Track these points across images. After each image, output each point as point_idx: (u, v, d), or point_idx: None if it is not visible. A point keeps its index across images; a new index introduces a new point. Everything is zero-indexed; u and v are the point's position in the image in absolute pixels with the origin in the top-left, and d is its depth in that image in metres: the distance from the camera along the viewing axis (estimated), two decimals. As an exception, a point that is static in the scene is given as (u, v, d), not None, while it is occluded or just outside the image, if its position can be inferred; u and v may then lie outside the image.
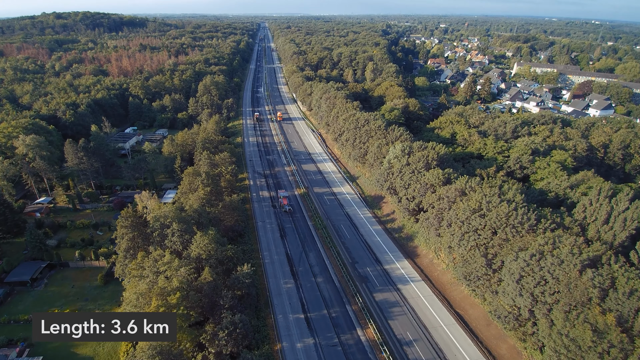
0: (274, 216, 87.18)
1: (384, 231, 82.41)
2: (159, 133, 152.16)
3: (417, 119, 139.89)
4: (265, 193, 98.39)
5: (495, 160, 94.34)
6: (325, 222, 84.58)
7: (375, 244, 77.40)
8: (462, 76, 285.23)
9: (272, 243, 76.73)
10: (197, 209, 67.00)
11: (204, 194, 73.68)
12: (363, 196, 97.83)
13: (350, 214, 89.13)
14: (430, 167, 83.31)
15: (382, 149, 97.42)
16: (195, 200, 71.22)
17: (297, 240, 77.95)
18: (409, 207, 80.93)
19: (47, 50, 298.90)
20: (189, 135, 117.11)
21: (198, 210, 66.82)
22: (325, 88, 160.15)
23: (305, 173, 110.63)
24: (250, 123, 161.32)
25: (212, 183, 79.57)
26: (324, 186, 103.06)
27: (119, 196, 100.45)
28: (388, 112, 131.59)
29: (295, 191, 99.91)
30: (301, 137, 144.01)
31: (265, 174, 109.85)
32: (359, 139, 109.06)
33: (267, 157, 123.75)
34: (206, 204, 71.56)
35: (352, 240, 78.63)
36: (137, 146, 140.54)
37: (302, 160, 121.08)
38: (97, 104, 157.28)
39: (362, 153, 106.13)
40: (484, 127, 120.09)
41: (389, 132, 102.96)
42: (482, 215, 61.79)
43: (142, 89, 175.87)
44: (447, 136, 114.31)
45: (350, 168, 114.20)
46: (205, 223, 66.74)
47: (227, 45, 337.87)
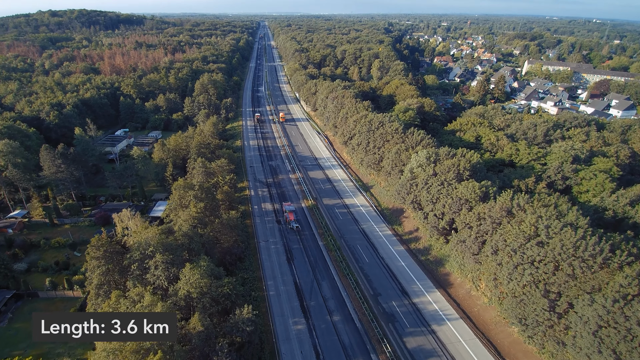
0: (279, 234, 75.31)
1: (408, 253, 70.60)
2: (152, 135, 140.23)
3: (433, 120, 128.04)
4: (268, 205, 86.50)
5: (532, 169, 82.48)
6: (339, 241, 72.73)
7: (399, 270, 65.58)
8: (471, 74, 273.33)
9: (278, 269, 64.88)
10: (187, 232, 55.14)
11: (197, 211, 61.84)
12: (379, 209, 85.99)
13: (367, 231, 77.30)
14: (462, 178, 71.52)
15: (401, 155, 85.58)
16: (186, 219, 59.34)
17: (307, 265, 66.11)
18: (437, 226, 69.12)
19: (38, 48, 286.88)
20: (182, 138, 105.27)
21: (189, 234, 54.96)
22: (331, 87, 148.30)
23: (312, 181, 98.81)
24: (251, 124, 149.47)
25: (206, 197, 67.71)
26: (334, 197, 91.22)
27: (103, 209, 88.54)
28: (402, 112, 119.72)
29: (302, 203, 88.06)
30: (306, 140, 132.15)
31: (268, 183, 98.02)
32: (372, 143, 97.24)
33: (270, 162, 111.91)
34: (199, 224, 59.72)
35: (371, 265, 66.80)
36: (127, 150, 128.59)
37: (308, 166, 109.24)
38: (85, 104, 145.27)
39: (377, 159, 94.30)
40: (511, 130, 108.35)
41: (408, 136, 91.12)
42: (541, 244, 49.92)
43: (135, 88, 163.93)
44: (472, 140, 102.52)
45: (363, 175, 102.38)
46: (197, 249, 54.89)
47: (227, 43, 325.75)
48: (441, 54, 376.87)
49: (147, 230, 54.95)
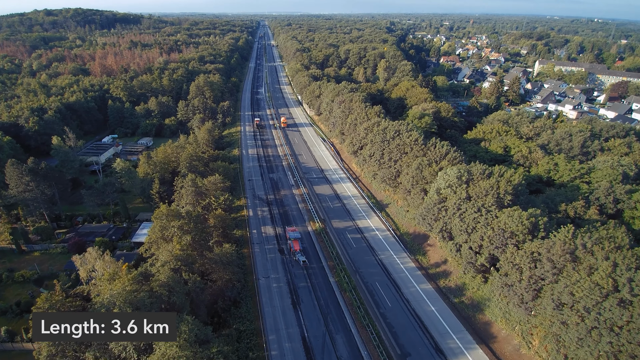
0: (282, 267, 63.59)
1: (438, 293, 58.91)
2: (142, 142, 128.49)
3: (451, 127, 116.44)
4: (269, 229, 74.75)
5: (577, 189, 70.72)
6: (354, 277, 60.99)
7: (429, 318, 53.88)
8: (481, 75, 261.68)
9: (281, 317, 53.11)
10: (167, 281, 43.37)
11: (182, 248, 50.12)
12: (398, 234, 74.27)
13: (386, 262, 65.60)
14: (503, 203, 59.82)
15: (423, 171, 73.84)
16: (168, 260, 47.58)
17: (317, 312, 54.38)
18: (474, 262, 57.45)
19: (28, 48, 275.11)
20: (172, 149, 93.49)
21: (168, 284, 43.19)
22: (337, 89, 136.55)
23: (319, 198, 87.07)
24: (250, 130, 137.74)
25: (195, 228, 56.00)
26: (344, 218, 79.49)
27: (78, 232, 76.77)
28: (417, 118, 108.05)
29: (308, 226, 76.33)
30: (310, 148, 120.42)
31: (269, 200, 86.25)
32: (387, 155, 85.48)
33: (271, 175, 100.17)
34: (183, 266, 47.95)
35: (395, 310, 55.08)
36: (114, 160, 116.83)
37: (313, 179, 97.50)
38: (70, 108, 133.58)
39: (393, 174, 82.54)
40: (542, 140, 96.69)
41: (430, 148, 79.39)
42: (622, 303, 38.22)
43: (125, 91, 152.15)
44: (499, 152, 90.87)
45: (376, 191, 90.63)
46: (180, 303, 43.16)
47: (225, 43, 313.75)
48: (447, 54, 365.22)
49: (117, 280, 43.22)
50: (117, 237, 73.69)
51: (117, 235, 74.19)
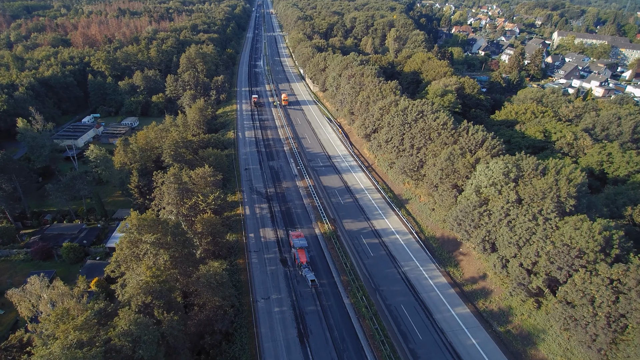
0: (285, 284, 52.16)
1: (477, 319, 47.76)
2: (126, 123, 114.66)
3: (476, 106, 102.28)
4: (269, 232, 62.86)
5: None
6: (373, 298, 49.69)
7: (470, 355, 42.95)
8: (496, 47, 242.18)
9: (285, 356, 42.07)
10: (131, 329, 31.69)
11: (154, 273, 38.24)
12: (423, 238, 62.47)
13: (411, 276, 54.13)
14: (565, 209, 47.42)
15: (455, 162, 60.98)
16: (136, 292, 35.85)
17: (330, 347, 43.33)
18: (526, 283, 45.81)
19: (8, 18, 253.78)
20: (156, 132, 79.99)
21: (133, 333, 31.54)
22: (345, 61, 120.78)
23: (326, 192, 74.76)
24: (247, 109, 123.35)
25: (175, 242, 43.99)
26: (358, 217, 67.48)
27: (45, 234, 64.99)
28: (439, 96, 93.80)
29: (315, 228, 64.42)
30: (315, 130, 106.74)
31: (269, 195, 73.90)
32: (408, 140, 72.32)
33: (270, 163, 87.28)
34: (155, 301, 36.23)
35: (427, 344, 44.04)
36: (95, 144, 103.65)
37: (319, 168, 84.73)
38: (45, 84, 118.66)
39: (416, 164, 69.68)
40: (585, 123, 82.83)
41: (462, 134, 66.14)
42: None
43: (107, 64, 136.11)
44: (538, 137, 77.42)
45: (393, 183, 78.13)
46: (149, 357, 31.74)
47: (221, 11, 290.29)
48: (458, 24, 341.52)
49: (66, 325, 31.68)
50: (90, 241, 62.08)
51: (89, 239, 62.54)
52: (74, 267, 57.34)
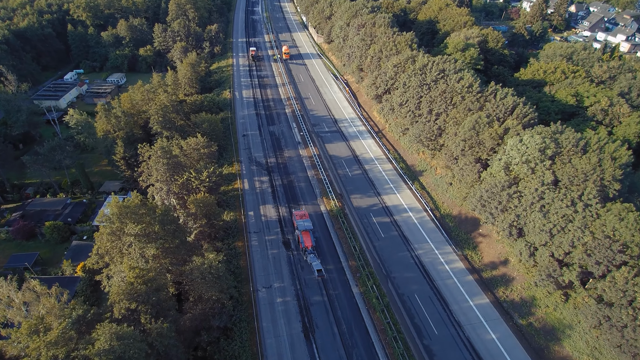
0: (288, 270, 47.81)
1: (497, 310, 43.83)
2: (112, 81, 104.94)
3: (499, 63, 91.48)
4: (270, 210, 57.49)
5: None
6: (385, 287, 45.46)
7: (489, 352, 39.49)
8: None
9: (289, 354, 38.65)
10: (113, 347, 27.30)
11: (139, 273, 33.34)
12: (438, 215, 57.09)
13: (425, 261, 49.55)
14: (608, 194, 41.19)
15: (480, 132, 53.68)
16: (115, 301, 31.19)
17: (337, 344, 39.81)
18: (556, 275, 41.01)
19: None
20: (142, 93, 71.51)
21: (114, 352, 27.20)
22: (353, 8, 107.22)
23: (333, 162, 68.24)
24: (244, 64, 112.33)
25: (164, 231, 38.67)
26: (367, 191, 61.66)
27: (27, 210, 59.90)
28: (460, 51, 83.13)
29: (321, 205, 58.89)
30: (319, 89, 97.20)
31: (269, 166, 67.51)
32: (426, 105, 64.18)
33: (271, 128, 79.68)
34: (142, 307, 31.66)
35: (443, 340, 40.43)
36: (78, 104, 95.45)
37: (325, 134, 77.27)
38: (21, 37, 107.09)
39: (434, 132, 62.26)
40: (620, 86, 73.22)
41: (489, 99, 57.92)
42: None
43: (89, 11, 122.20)
44: (570, 102, 68.69)
45: (405, 152, 71.22)
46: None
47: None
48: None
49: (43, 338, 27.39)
50: (76, 218, 57.17)
51: (75, 216, 57.60)
52: (59, 247, 53.05)
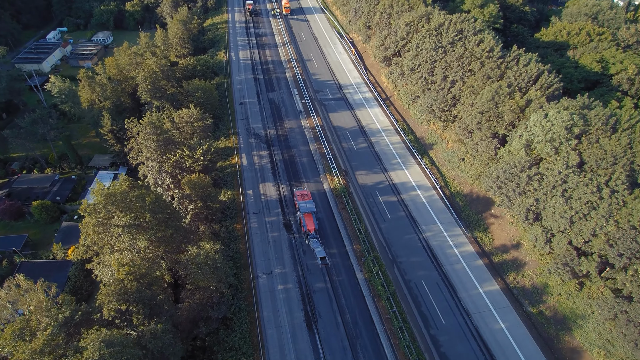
0: (289, 255, 45.66)
1: (507, 297, 42.10)
2: (98, 40, 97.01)
3: (519, 21, 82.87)
4: (270, 188, 54.27)
5: None
6: (391, 273, 43.49)
7: (498, 342, 38.19)
8: None
9: (291, 345, 37.46)
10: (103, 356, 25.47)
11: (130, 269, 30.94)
12: (448, 194, 53.87)
13: (434, 244, 47.17)
14: (636, 179, 37.43)
15: (500, 104, 48.80)
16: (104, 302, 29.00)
17: (341, 334, 38.53)
18: (573, 265, 38.56)
19: None
20: (129, 57, 65.33)
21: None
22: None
23: (337, 134, 63.82)
24: (240, 20, 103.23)
25: (158, 221, 35.79)
26: (373, 167, 57.96)
27: (13, 187, 56.83)
28: (479, 7, 74.84)
29: (324, 182, 55.51)
30: (323, 49, 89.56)
31: (269, 138, 63.19)
32: (441, 70, 58.35)
33: (270, 95, 74.10)
34: (133, 306, 29.58)
35: (450, 330, 39.04)
36: (62, 67, 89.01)
37: (329, 102, 71.87)
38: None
39: (448, 102, 57.11)
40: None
41: (511, 66, 52.10)
42: None
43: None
44: (594, 68, 62.46)
45: (415, 122, 66.36)
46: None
47: None
48: None
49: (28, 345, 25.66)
50: (65, 196, 54.33)
51: (64, 193, 54.71)
52: (49, 228, 50.76)
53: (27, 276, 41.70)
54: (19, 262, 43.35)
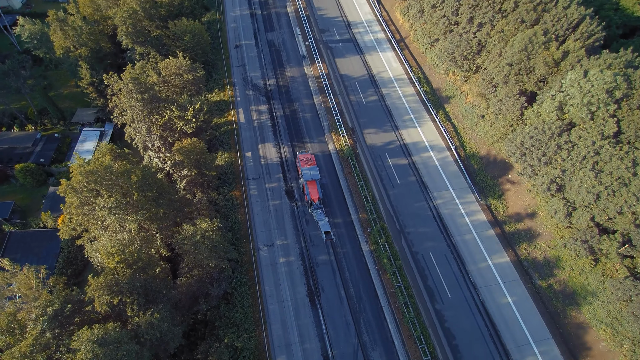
0: (292, 225, 43.44)
1: (517, 269, 40.69)
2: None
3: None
4: (270, 150, 50.13)
5: None
6: (398, 245, 41.66)
7: (503, 317, 37.61)
8: None
9: (293, 321, 37.09)
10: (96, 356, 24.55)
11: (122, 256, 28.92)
12: (463, 156, 49.68)
13: (444, 213, 44.52)
14: (693, 157, 32.79)
15: (533, 56, 41.99)
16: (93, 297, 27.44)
17: (345, 309, 37.93)
18: (593, 243, 36.09)
19: None
20: (106, -8, 56.23)
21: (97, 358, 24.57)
22: None
23: (344, 84, 57.39)
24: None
25: (148, 200, 32.85)
26: (383, 124, 52.88)
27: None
28: None
29: (329, 143, 51.05)
30: (328, -25, 77.26)
31: (268, 90, 57.00)
32: (467, 10, 49.89)
33: (269, 36, 65.51)
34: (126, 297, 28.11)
35: (456, 305, 38.25)
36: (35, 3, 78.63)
37: (336, 44, 63.59)
38: None
39: (472, 48, 49.70)
40: None
41: (549, 8, 43.80)
42: None
43: None
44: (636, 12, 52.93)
45: (431, 69, 59.10)
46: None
47: None
48: None
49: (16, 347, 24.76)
50: (49, 157, 50.67)
51: (48, 154, 50.96)
52: (36, 192, 48.17)
53: (19, 247, 40.80)
54: (8, 231, 41.80)
